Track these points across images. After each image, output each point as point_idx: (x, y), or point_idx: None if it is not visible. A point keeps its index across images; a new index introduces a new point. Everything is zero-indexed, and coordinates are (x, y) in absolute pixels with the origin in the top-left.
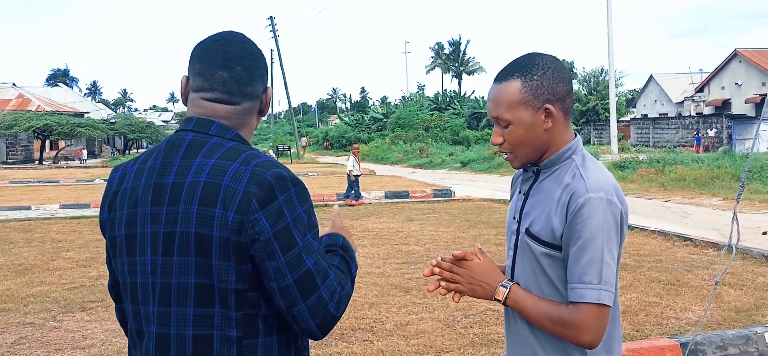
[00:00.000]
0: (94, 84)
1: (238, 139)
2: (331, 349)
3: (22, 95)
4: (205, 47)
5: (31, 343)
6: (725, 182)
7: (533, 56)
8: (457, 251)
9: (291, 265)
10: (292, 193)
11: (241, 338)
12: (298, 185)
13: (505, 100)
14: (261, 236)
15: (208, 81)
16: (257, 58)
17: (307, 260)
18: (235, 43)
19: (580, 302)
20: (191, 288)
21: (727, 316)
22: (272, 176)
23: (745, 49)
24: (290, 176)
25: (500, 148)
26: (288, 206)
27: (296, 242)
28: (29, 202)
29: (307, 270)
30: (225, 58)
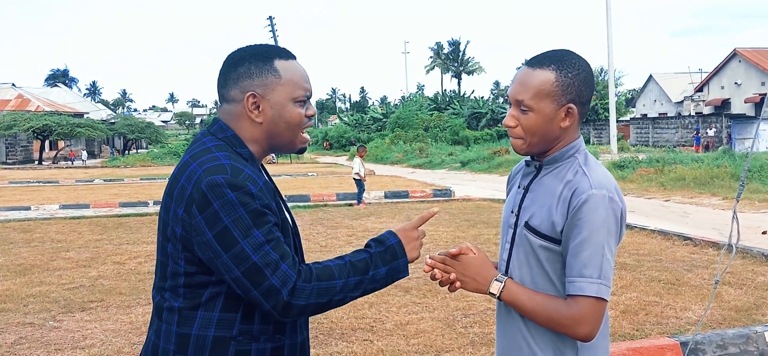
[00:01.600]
0: (93, 84)
1: (228, 139)
2: (331, 349)
3: (21, 96)
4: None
5: (30, 343)
6: (725, 181)
7: (570, 54)
8: (453, 249)
9: (236, 260)
10: (230, 198)
11: (182, 308)
12: (239, 190)
13: (534, 86)
14: (201, 237)
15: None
16: (234, 64)
17: (253, 256)
18: (235, 50)
19: (579, 295)
20: (158, 263)
21: (727, 315)
22: (206, 184)
23: (745, 48)
24: (229, 182)
25: (511, 131)
26: (225, 209)
27: (237, 240)
28: (29, 202)
29: (252, 263)
30: (223, 62)
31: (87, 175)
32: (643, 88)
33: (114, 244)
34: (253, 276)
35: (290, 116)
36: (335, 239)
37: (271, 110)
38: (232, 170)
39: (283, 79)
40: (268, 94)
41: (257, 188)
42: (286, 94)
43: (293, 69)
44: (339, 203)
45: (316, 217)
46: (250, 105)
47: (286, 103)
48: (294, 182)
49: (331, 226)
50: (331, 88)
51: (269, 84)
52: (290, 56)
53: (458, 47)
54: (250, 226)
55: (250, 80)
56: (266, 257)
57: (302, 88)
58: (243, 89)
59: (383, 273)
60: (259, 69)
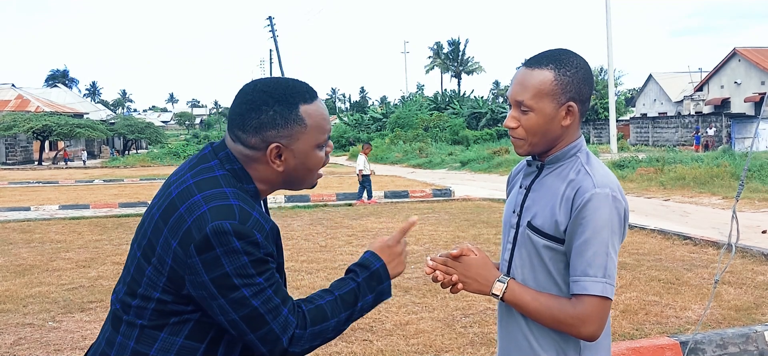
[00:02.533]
0: (93, 85)
1: (235, 172)
2: (330, 349)
3: (21, 96)
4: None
5: (30, 344)
6: (724, 180)
7: (568, 52)
8: (454, 250)
9: (235, 305)
10: (235, 246)
11: (145, 326)
12: (244, 239)
13: (533, 87)
14: (197, 277)
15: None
16: (256, 108)
17: (253, 301)
18: (250, 84)
19: (584, 294)
20: (128, 276)
21: (727, 315)
22: (211, 230)
23: (745, 48)
24: (236, 230)
25: (512, 132)
26: (228, 256)
27: (237, 287)
28: (28, 203)
29: (253, 309)
30: (237, 93)
31: (87, 175)
32: (642, 87)
33: (114, 244)
34: (252, 322)
35: (313, 161)
36: (335, 239)
37: (294, 160)
38: (240, 215)
39: (308, 127)
40: (293, 144)
41: (263, 236)
42: (310, 142)
43: (317, 113)
44: (339, 203)
45: (316, 217)
46: (272, 156)
47: (310, 151)
48: None
49: (330, 226)
50: (331, 88)
51: (294, 134)
52: (313, 97)
53: (458, 47)
54: (252, 274)
55: (275, 131)
56: (268, 304)
57: (325, 131)
58: (265, 139)
59: (370, 300)
60: (284, 119)
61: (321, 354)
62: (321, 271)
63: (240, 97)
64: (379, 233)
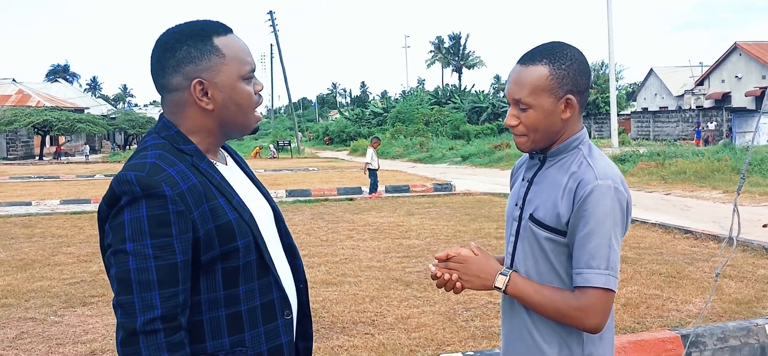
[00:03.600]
0: (94, 79)
1: (171, 137)
2: (332, 342)
3: (21, 91)
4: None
5: (32, 338)
6: (725, 175)
7: (561, 45)
8: (440, 253)
9: (116, 259)
10: (136, 193)
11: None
12: (148, 190)
13: (530, 83)
14: (107, 237)
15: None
16: (170, 47)
17: (131, 262)
18: (162, 33)
19: (587, 286)
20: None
21: (728, 308)
22: (116, 180)
23: (746, 42)
24: (139, 180)
25: (513, 130)
26: (129, 206)
27: (124, 240)
28: (30, 197)
29: (126, 269)
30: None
31: (88, 170)
32: (643, 81)
33: None
34: (121, 283)
35: (241, 96)
36: (336, 233)
37: (221, 94)
38: (150, 169)
39: (227, 58)
40: (215, 77)
41: (174, 192)
42: (233, 73)
43: (234, 44)
44: (340, 198)
45: (317, 211)
46: (198, 93)
47: (235, 83)
48: (294, 176)
49: (331, 220)
50: (332, 82)
51: (214, 66)
52: (227, 30)
53: (459, 41)
54: (144, 232)
55: (193, 65)
56: (142, 273)
57: (247, 62)
58: (186, 75)
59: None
60: (199, 51)
61: (322, 348)
62: (322, 265)
63: (154, 45)
64: (380, 227)
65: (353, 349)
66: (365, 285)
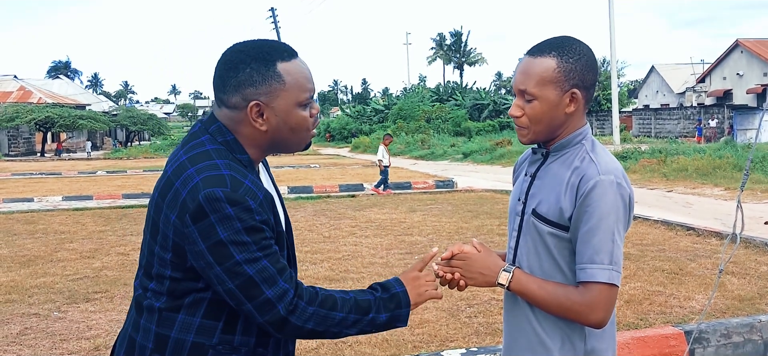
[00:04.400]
0: (95, 76)
1: (228, 144)
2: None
3: (23, 88)
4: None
5: (36, 334)
6: (727, 172)
7: (570, 39)
8: (445, 252)
9: (230, 273)
10: (228, 213)
11: (163, 309)
12: (237, 206)
13: (536, 75)
14: (194, 246)
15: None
16: (234, 67)
17: (247, 269)
18: (230, 47)
19: (591, 281)
20: (144, 259)
21: (731, 304)
22: (204, 197)
23: (747, 39)
24: (228, 197)
25: (516, 120)
26: (222, 224)
27: (232, 255)
28: (32, 194)
29: (248, 277)
30: (218, 61)
31: (89, 167)
32: (645, 79)
33: (118, 235)
34: (247, 290)
35: (296, 121)
36: (338, 229)
37: (276, 118)
38: (231, 183)
39: (287, 85)
40: (273, 102)
41: (257, 203)
42: (291, 100)
43: (297, 71)
44: (342, 195)
45: (319, 208)
46: (253, 115)
47: (291, 109)
48: (297, 173)
49: (334, 217)
50: (333, 79)
51: (273, 91)
52: (292, 55)
53: (460, 38)
54: (246, 242)
55: (253, 88)
56: (263, 273)
57: (306, 89)
58: (245, 97)
59: (383, 319)
60: (261, 75)
61: (326, 343)
62: (325, 262)
63: (220, 60)
64: (382, 224)
65: (357, 345)
66: (368, 281)
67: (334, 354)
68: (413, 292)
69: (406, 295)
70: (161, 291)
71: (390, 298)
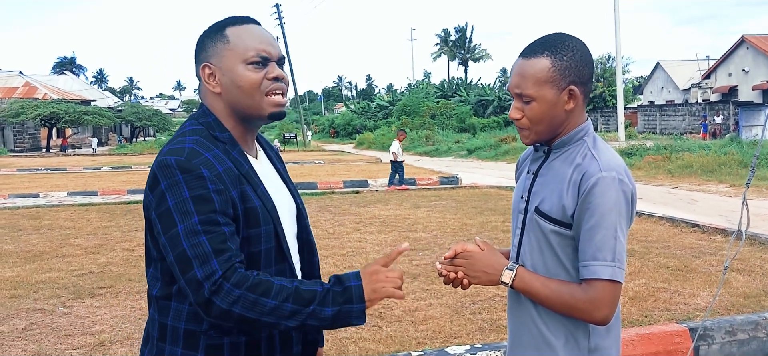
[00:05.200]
0: (100, 72)
1: (208, 124)
2: (339, 334)
3: (28, 83)
4: None
5: (41, 329)
6: (732, 168)
7: (563, 37)
8: (448, 251)
9: (171, 243)
10: (179, 180)
11: (159, 297)
12: (189, 173)
13: (532, 76)
14: (151, 215)
15: None
16: (199, 42)
17: (184, 242)
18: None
19: (594, 279)
20: (146, 248)
21: (736, 302)
22: (156, 164)
23: (753, 35)
24: (179, 164)
25: (517, 123)
26: (171, 190)
27: (175, 223)
28: (37, 189)
29: (182, 250)
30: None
31: (94, 162)
32: (650, 75)
33: (123, 231)
34: (181, 263)
35: (241, 79)
36: (343, 225)
37: (224, 77)
38: (188, 154)
39: (231, 43)
40: (220, 62)
41: (212, 173)
42: (235, 57)
43: (245, 32)
44: (346, 191)
45: (324, 204)
46: (206, 76)
47: (236, 66)
48: (301, 169)
49: (338, 213)
50: (338, 75)
51: (219, 51)
52: (246, 21)
53: (465, 34)
54: (190, 212)
55: (205, 52)
56: (197, 248)
57: (254, 48)
58: (200, 61)
59: (329, 313)
60: (211, 40)
61: (330, 339)
62: (329, 258)
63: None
64: (386, 220)
65: (361, 341)
66: None
67: (338, 351)
68: (368, 287)
69: (361, 289)
70: (156, 277)
71: (342, 292)
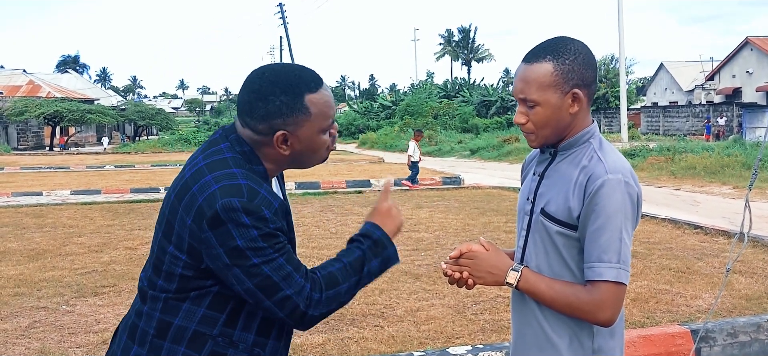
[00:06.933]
0: (103, 71)
1: (246, 155)
2: (342, 334)
3: (32, 82)
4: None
5: (44, 327)
6: (735, 170)
7: (565, 40)
8: (454, 251)
9: (248, 274)
10: (244, 221)
11: (168, 298)
12: (253, 215)
13: (535, 80)
14: (212, 250)
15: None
16: (263, 97)
17: (264, 268)
18: (257, 72)
19: (599, 280)
20: (153, 256)
21: (738, 304)
22: (221, 206)
23: (757, 37)
24: (244, 207)
25: (522, 127)
26: (238, 230)
27: (249, 257)
28: (40, 188)
29: (266, 276)
30: (245, 81)
31: (98, 161)
32: (653, 76)
33: (126, 230)
34: (266, 289)
35: (317, 146)
36: (345, 225)
37: (300, 145)
38: (248, 193)
39: (312, 116)
40: (298, 130)
41: (271, 212)
42: (315, 128)
43: (322, 102)
44: (349, 191)
45: (326, 204)
46: (279, 142)
47: (315, 136)
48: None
49: (341, 213)
50: (341, 75)
51: (299, 122)
52: (319, 85)
53: (468, 34)
54: (262, 247)
55: (281, 119)
56: (280, 271)
57: (329, 117)
58: (272, 127)
59: (376, 265)
60: (289, 108)
61: (332, 339)
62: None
63: (248, 85)
64: None
65: (363, 341)
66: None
67: (341, 350)
68: (389, 227)
69: (386, 235)
70: (169, 289)
71: (374, 244)
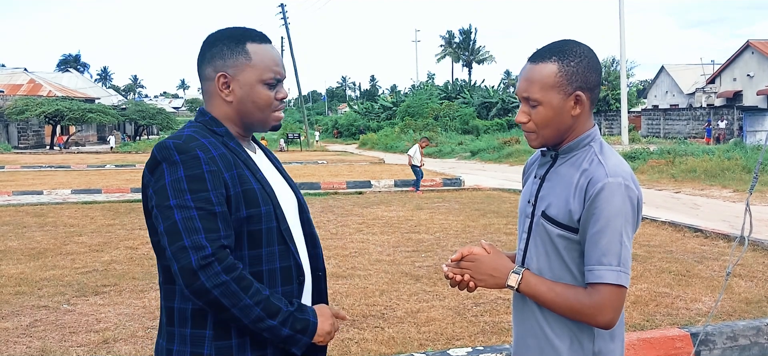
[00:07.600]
0: (104, 70)
1: (206, 122)
2: (342, 335)
3: (33, 81)
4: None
5: (45, 326)
6: (736, 173)
7: (571, 43)
8: (455, 254)
9: (163, 214)
10: (175, 159)
11: (162, 282)
12: (185, 153)
13: (539, 80)
14: (150, 200)
15: None
16: (210, 44)
17: (176, 214)
18: (213, 32)
19: (600, 283)
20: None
21: (738, 307)
22: (157, 147)
23: (758, 40)
24: (177, 147)
25: (523, 126)
26: (168, 168)
27: (169, 197)
28: (41, 187)
29: (173, 221)
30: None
31: (98, 160)
32: (654, 79)
33: (126, 229)
34: (171, 234)
35: (258, 97)
36: (346, 226)
37: (240, 90)
38: (186, 139)
39: (253, 61)
40: (238, 75)
41: (206, 155)
42: (255, 75)
43: (264, 52)
44: (349, 191)
45: (327, 205)
46: (220, 84)
47: (255, 84)
48: (304, 169)
49: (341, 214)
50: (341, 76)
51: (239, 65)
52: (264, 40)
53: (469, 36)
54: (184, 190)
55: (222, 61)
56: (188, 222)
57: (271, 70)
58: (215, 68)
59: (284, 333)
60: (230, 50)
61: (332, 340)
62: (332, 258)
63: (202, 42)
64: (389, 221)
65: (363, 342)
66: (375, 278)
67: (341, 351)
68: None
69: (315, 328)
70: (162, 261)
71: (302, 320)
